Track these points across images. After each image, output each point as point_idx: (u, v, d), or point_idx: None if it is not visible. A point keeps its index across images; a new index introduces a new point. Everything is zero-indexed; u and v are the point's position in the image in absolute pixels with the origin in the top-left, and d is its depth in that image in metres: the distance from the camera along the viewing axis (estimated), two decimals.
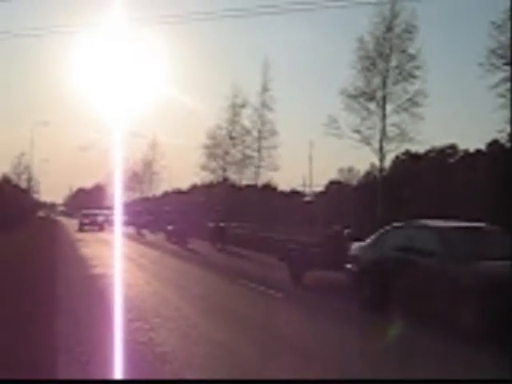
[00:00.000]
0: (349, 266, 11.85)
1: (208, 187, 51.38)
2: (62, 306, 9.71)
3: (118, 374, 5.86)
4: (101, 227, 47.19)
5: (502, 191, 27.68)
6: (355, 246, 12.06)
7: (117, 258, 17.93)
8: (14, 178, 62.44)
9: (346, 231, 15.01)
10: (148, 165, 66.19)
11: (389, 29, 28.55)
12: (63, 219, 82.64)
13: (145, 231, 43.57)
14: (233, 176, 43.28)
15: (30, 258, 18.43)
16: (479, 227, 10.51)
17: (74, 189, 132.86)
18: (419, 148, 57.31)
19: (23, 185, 63.92)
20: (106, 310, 9.27)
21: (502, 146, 46.72)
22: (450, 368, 6.70)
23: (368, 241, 11.60)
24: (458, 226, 10.33)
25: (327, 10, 26.95)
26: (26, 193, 63.73)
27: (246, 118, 41.24)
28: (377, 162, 30.47)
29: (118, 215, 25.43)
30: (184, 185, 80.00)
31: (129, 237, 34.59)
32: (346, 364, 6.84)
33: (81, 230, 45.97)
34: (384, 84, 28.64)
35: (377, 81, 28.84)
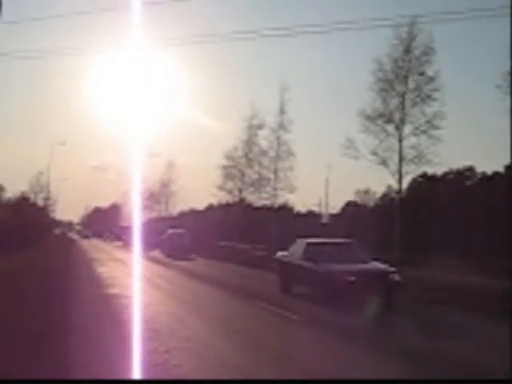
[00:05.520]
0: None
1: (224, 207, 51.21)
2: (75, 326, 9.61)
3: None
4: None
5: None
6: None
7: None
8: (31, 196, 63.16)
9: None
10: (165, 185, 66.43)
11: (407, 51, 28.55)
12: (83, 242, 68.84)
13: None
14: (249, 197, 43.24)
15: (45, 276, 18.33)
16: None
17: (90, 208, 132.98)
18: (437, 170, 57.02)
19: (41, 203, 64.48)
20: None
21: None
22: None
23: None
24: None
25: (345, 31, 27.03)
26: (43, 211, 64.13)
27: (263, 139, 41.25)
28: (394, 184, 30.34)
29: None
30: (200, 205, 79.82)
31: None
32: None
33: None
34: (402, 106, 28.56)
35: (395, 103, 28.81)
